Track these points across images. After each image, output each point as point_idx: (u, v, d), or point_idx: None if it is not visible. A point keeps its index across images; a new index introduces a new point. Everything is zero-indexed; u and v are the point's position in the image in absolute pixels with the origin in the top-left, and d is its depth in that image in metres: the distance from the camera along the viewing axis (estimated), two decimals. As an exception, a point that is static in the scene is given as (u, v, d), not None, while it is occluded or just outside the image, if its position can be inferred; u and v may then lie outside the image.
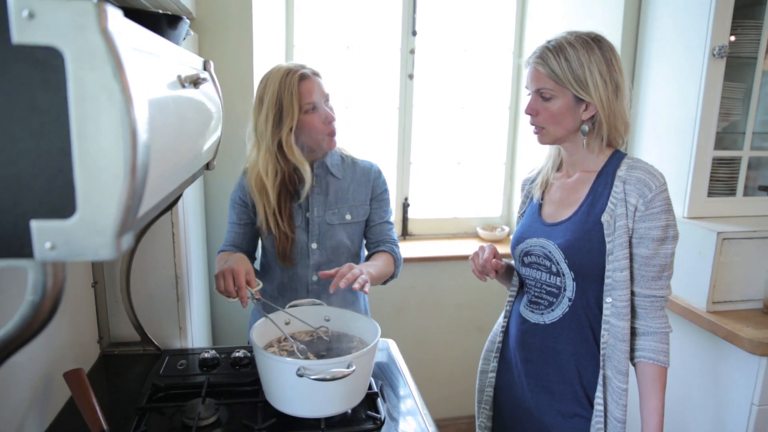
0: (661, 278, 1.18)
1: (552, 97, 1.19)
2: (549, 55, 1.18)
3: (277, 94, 1.36)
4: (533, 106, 1.23)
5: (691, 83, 1.79)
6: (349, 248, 1.53)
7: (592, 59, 1.16)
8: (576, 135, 1.24)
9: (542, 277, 1.28)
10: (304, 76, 1.38)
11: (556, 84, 1.18)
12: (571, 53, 1.16)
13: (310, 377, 1.04)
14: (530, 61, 1.22)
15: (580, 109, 1.19)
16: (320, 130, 1.40)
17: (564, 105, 1.19)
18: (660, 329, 1.19)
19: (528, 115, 1.25)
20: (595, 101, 1.17)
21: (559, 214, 1.28)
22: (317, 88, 1.39)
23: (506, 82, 2.70)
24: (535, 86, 1.21)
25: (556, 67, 1.17)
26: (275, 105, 1.37)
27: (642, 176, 1.17)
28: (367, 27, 2.52)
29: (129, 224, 0.61)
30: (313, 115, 1.39)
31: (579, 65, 1.16)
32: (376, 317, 2.50)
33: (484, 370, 1.47)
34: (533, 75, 1.22)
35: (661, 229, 1.16)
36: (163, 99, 0.73)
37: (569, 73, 1.16)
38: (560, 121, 1.21)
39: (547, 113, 1.21)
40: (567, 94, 1.18)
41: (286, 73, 1.37)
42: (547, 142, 1.27)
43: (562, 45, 1.17)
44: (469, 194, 2.81)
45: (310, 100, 1.37)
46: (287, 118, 1.36)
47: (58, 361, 1.21)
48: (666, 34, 1.91)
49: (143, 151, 0.60)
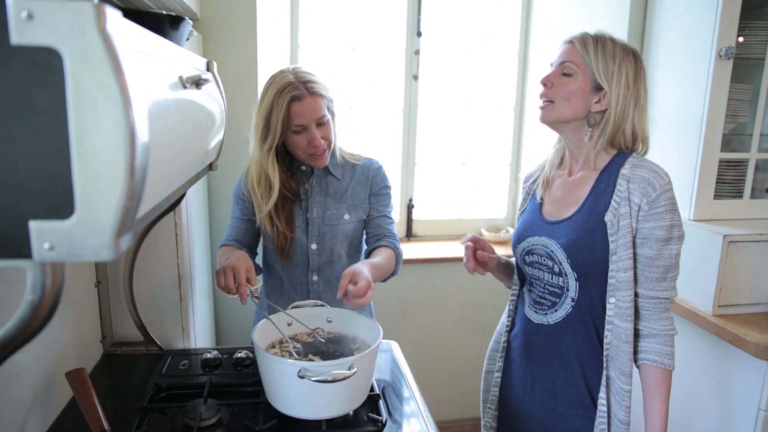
0: (666, 279, 1.17)
1: (573, 74, 1.20)
2: (589, 39, 1.20)
3: (269, 107, 1.35)
4: (551, 77, 1.23)
5: (697, 85, 1.77)
6: (349, 248, 1.52)
7: (625, 61, 1.18)
8: (580, 124, 1.22)
9: (545, 276, 1.27)
10: (295, 98, 1.33)
11: (583, 63, 1.19)
12: (609, 47, 1.19)
13: (311, 379, 1.03)
14: (570, 39, 1.23)
15: (594, 99, 1.19)
16: (304, 150, 1.39)
17: (580, 86, 1.19)
18: (664, 331, 1.18)
19: (542, 85, 1.24)
20: (612, 94, 1.17)
21: (561, 212, 1.27)
22: (308, 111, 1.34)
23: (511, 83, 2.69)
24: (562, 59, 1.22)
25: (591, 50, 1.19)
26: (264, 118, 1.36)
27: (646, 175, 1.15)
28: (372, 28, 2.51)
29: (128, 225, 0.61)
30: (300, 137, 1.37)
31: (611, 58, 1.18)
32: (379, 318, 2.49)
33: (489, 370, 1.46)
34: (566, 49, 1.23)
35: (665, 229, 1.14)
36: (163, 100, 0.73)
37: (601, 58, 1.18)
38: (571, 100, 1.20)
39: (562, 88, 1.20)
40: (588, 77, 1.18)
41: (282, 88, 1.33)
42: (550, 118, 1.23)
43: (605, 38, 1.20)
44: (474, 195, 2.80)
45: (299, 122, 1.35)
46: (270, 135, 1.36)
47: (61, 360, 1.21)
48: (672, 35, 1.89)
49: (142, 152, 0.60)
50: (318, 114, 1.36)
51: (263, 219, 1.43)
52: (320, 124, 1.38)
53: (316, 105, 1.35)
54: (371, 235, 1.53)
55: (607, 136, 1.21)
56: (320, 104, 1.36)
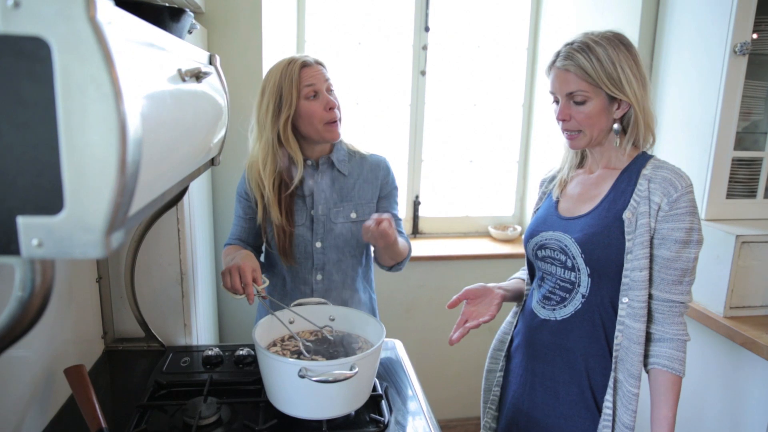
0: (682, 283, 1.14)
1: (586, 100, 1.15)
2: (577, 55, 1.14)
3: (277, 83, 1.35)
4: (565, 111, 1.18)
5: (710, 81, 1.73)
6: (355, 247, 1.50)
7: (621, 56, 1.13)
8: (607, 135, 1.20)
9: (556, 271, 1.24)
10: (305, 64, 1.36)
11: (589, 85, 1.14)
12: (600, 52, 1.13)
13: (311, 379, 1.01)
14: (557, 65, 1.17)
15: (613, 108, 1.16)
16: (320, 118, 1.36)
17: (598, 106, 1.15)
18: (677, 336, 1.15)
19: (561, 121, 1.20)
20: (631, 99, 1.13)
21: (578, 208, 1.24)
22: (319, 75, 1.37)
23: (520, 79, 2.66)
24: (566, 90, 1.16)
25: (588, 67, 1.13)
26: (275, 94, 1.35)
27: (668, 175, 1.13)
28: (379, 23, 2.49)
29: (119, 222, 0.59)
30: (314, 102, 1.36)
31: (610, 63, 1.12)
32: (384, 316, 2.48)
33: (491, 369, 1.44)
34: (562, 78, 1.16)
35: (684, 231, 1.12)
36: (159, 93, 0.71)
37: (602, 72, 1.12)
38: (597, 123, 1.17)
39: (582, 116, 1.16)
40: (600, 94, 1.14)
41: (288, 62, 1.36)
42: (583, 146, 1.22)
43: (589, 44, 1.14)
44: (481, 193, 2.77)
45: (311, 83, 1.35)
46: (285, 105, 1.34)
47: (61, 356, 1.20)
48: (685, 30, 1.85)
49: (134, 146, 0.58)
50: (327, 81, 1.39)
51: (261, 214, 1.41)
52: (329, 91, 1.39)
53: (325, 73, 1.39)
54: None
55: (641, 136, 1.18)
56: (326, 74, 1.40)
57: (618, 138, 1.19)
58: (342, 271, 1.50)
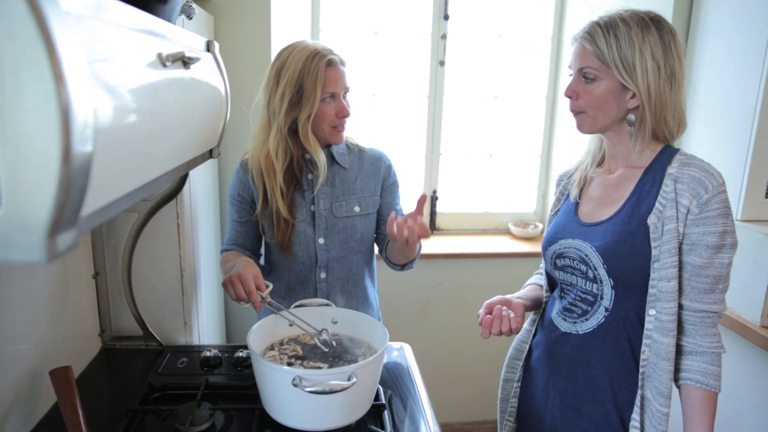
0: (715, 291, 1.04)
1: (596, 79, 1.06)
2: (598, 31, 1.04)
3: (299, 74, 1.26)
4: (574, 87, 1.09)
5: (751, 69, 1.60)
6: (360, 242, 1.43)
7: (646, 40, 1.02)
8: (621, 124, 1.10)
9: (577, 282, 1.15)
10: (331, 63, 1.28)
11: (601, 64, 1.04)
12: (623, 31, 1.02)
13: (304, 389, 0.94)
14: (577, 37, 1.09)
15: (626, 95, 1.06)
16: (330, 122, 1.31)
17: (608, 89, 1.05)
18: (711, 349, 1.05)
19: (567, 97, 1.11)
20: (640, 89, 1.03)
21: (599, 213, 1.14)
22: (341, 79, 1.30)
23: (543, 70, 2.53)
24: (579, 65, 1.08)
25: (603, 46, 1.03)
26: (295, 85, 1.26)
27: (697, 174, 1.02)
28: (397, 11, 2.39)
29: (66, 222, 0.52)
30: (329, 105, 1.30)
31: (629, 45, 1.02)
32: (397, 316, 2.40)
33: (508, 379, 1.35)
34: (578, 52, 1.08)
35: (717, 235, 1.01)
36: (127, 77, 0.64)
37: (616, 53, 1.02)
38: (603, 107, 1.07)
39: (589, 96, 1.07)
40: (612, 76, 1.04)
41: (313, 54, 1.26)
42: (588, 129, 1.13)
43: (615, 22, 1.04)
44: (502, 188, 2.66)
45: (332, 89, 1.28)
46: (307, 103, 1.26)
47: (54, 355, 1.15)
48: (723, 14, 1.72)
49: (82, 135, 0.51)
50: (346, 84, 1.33)
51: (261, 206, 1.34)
52: (345, 96, 1.34)
53: (345, 74, 1.33)
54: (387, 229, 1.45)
55: (648, 132, 1.07)
56: (346, 75, 1.33)
57: (631, 130, 1.08)
58: (347, 268, 1.43)
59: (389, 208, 1.45)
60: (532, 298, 1.30)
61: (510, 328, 1.14)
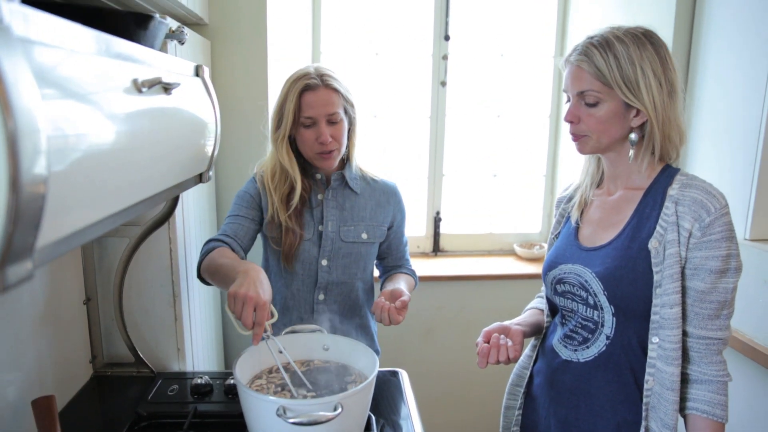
0: (720, 317, 1.00)
1: (598, 102, 1.02)
2: (594, 51, 1.01)
3: (283, 97, 1.31)
4: (575, 112, 1.06)
5: (756, 85, 1.56)
6: (363, 270, 1.43)
7: (645, 57, 0.99)
8: (622, 144, 1.07)
9: (578, 308, 1.11)
10: (308, 87, 1.28)
11: (603, 85, 1.01)
12: (620, 50, 0.99)
13: (288, 420, 0.91)
14: (571, 60, 1.05)
15: (630, 114, 1.02)
16: (311, 147, 1.31)
17: (612, 110, 1.02)
18: (717, 377, 1.01)
19: (568, 122, 1.08)
20: (647, 107, 0.99)
21: (599, 237, 1.10)
22: (319, 104, 1.27)
23: (546, 89, 2.51)
24: (578, 88, 1.04)
25: (603, 66, 1.00)
26: (278, 109, 1.32)
27: (698, 196, 0.99)
28: (398, 32, 2.40)
29: (17, 254, 0.51)
30: (309, 131, 1.30)
31: (629, 63, 0.99)
32: (402, 338, 2.35)
33: (509, 407, 1.31)
34: (574, 75, 1.04)
35: (720, 259, 0.97)
36: (92, 103, 0.63)
37: (618, 72, 0.99)
38: (607, 129, 1.04)
39: (592, 120, 1.04)
40: (615, 97, 1.01)
41: (297, 78, 1.30)
42: (588, 150, 1.10)
43: (609, 40, 1.00)
44: (506, 209, 2.62)
45: (308, 114, 1.28)
46: (282, 126, 1.31)
47: (43, 383, 1.14)
48: (726, 30, 1.69)
49: (33, 163, 0.49)
50: (330, 109, 1.28)
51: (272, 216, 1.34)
52: (332, 122, 1.30)
53: (330, 99, 1.28)
54: (391, 262, 1.52)
55: (657, 150, 1.04)
56: (334, 100, 1.29)
57: (632, 150, 1.05)
58: (345, 294, 1.42)
59: (399, 241, 1.50)
60: (531, 324, 1.26)
61: (508, 357, 1.09)
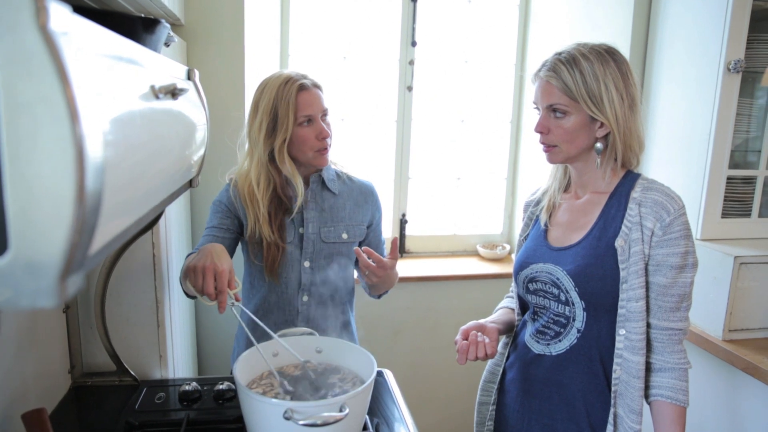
0: (680, 309, 1.10)
1: (565, 114, 1.10)
2: (562, 67, 1.09)
3: (273, 102, 1.30)
4: (544, 123, 1.14)
5: (704, 99, 1.70)
6: (345, 269, 1.45)
7: (608, 72, 1.08)
8: (588, 153, 1.15)
9: (550, 305, 1.18)
10: (303, 87, 1.31)
11: (570, 99, 1.09)
12: (586, 66, 1.08)
13: (297, 422, 0.93)
14: (541, 75, 1.13)
15: (595, 125, 1.11)
16: (311, 145, 1.33)
17: (578, 122, 1.10)
18: (678, 365, 1.10)
19: (538, 133, 1.16)
20: (610, 120, 1.08)
21: (568, 238, 1.18)
22: (316, 101, 1.33)
23: (508, 96, 2.61)
24: (547, 102, 1.12)
25: (570, 81, 1.08)
26: (270, 113, 1.30)
27: (659, 198, 1.08)
28: (365, 37, 2.43)
29: (77, 264, 0.51)
30: (307, 129, 1.32)
31: (594, 79, 1.07)
32: (370, 339, 2.38)
33: (483, 402, 1.37)
34: (544, 89, 1.12)
35: (680, 256, 1.07)
36: (127, 112, 0.63)
37: (583, 88, 1.08)
38: (574, 139, 1.12)
39: (560, 131, 1.12)
40: (581, 110, 1.09)
41: (285, 81, 1.31)
42: (559, 160, 1.18)
43: (576, 57, 1.09)
44: (469, 211, 2.71)
45: (307, 113, 1.31)
46: (281, 128, 1.30)
47: (20, 397, 1.09)
48: (677, 47, 1.82)
49: (95, 175, 0.50)
50: (323, 106, 1.35)
51: (253, 230, 1.33)
52: (324, 118, 1.35)
53: (321, 97, 1.35)
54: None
55: (619, 158, 1.13)
56: (324, 98, 1.36)
57: (599, 158, 1.14)
58: (329, 294, 1.44)
59: (377, 240, 1.51)
60: (504, 322, 1.33)
61: (485, 353, 1.15)
